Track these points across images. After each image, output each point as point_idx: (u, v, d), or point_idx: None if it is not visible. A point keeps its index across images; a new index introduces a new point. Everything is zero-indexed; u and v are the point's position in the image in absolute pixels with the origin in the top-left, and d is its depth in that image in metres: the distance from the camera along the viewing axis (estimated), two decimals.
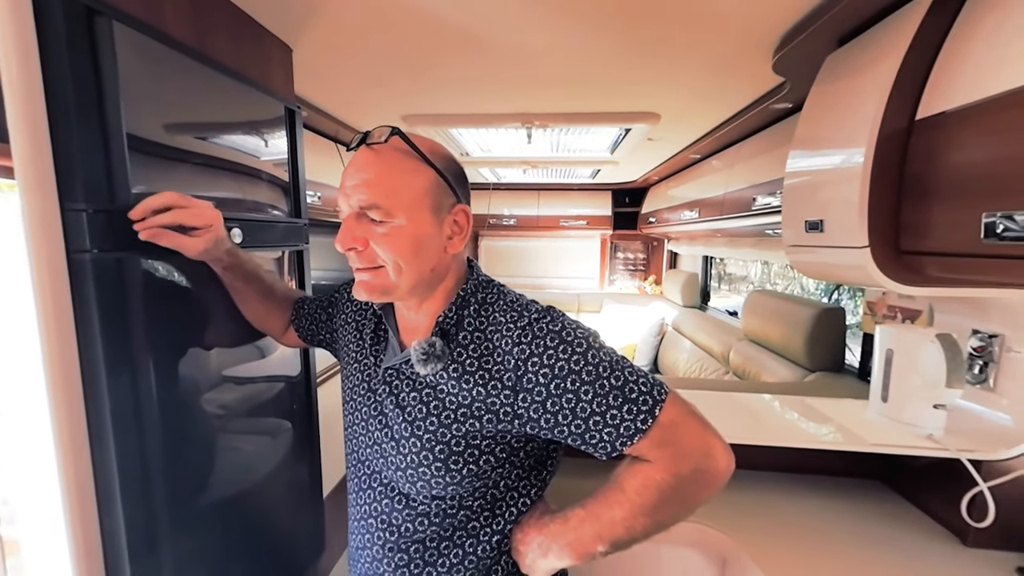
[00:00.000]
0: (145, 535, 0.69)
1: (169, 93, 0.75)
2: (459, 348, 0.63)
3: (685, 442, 0.57)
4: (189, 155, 0.80)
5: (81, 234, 0.60)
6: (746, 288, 3.21)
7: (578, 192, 4.00)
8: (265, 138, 1.01)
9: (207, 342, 0.87)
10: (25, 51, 0.55)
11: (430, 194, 0.60)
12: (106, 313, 0.63)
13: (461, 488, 0.64)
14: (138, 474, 0.68)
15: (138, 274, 0.69)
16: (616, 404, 0.57)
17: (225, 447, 0.93)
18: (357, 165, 0.59)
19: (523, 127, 1.79)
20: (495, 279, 0.71)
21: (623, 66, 1.26)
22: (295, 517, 1.14)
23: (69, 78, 0.58)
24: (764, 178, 1.64)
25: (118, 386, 0.65)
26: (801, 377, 1.58)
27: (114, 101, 0.63)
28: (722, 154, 2.20)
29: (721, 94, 1.50)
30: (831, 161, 0.90)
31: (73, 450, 0.62)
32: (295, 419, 1.15)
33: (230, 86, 0.88)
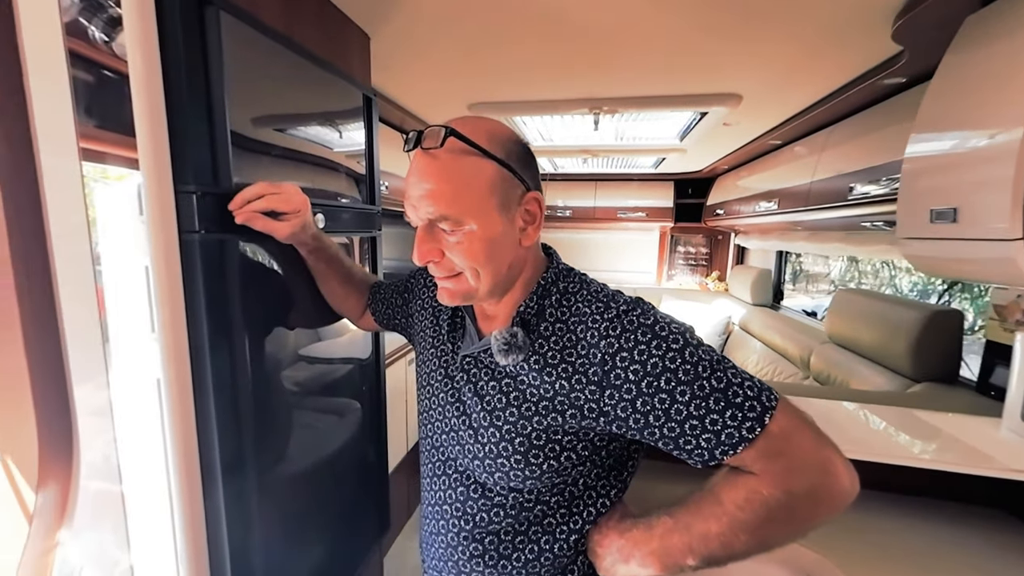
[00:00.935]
0: (238, 494, 0.74)
1: (264, 81, 0.78)
2: (540, 339, 0.60)
3: (800, 455, 0.51)
4: (280, 143, 0.83)
5: (191, 215, 0.65)
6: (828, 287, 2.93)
7: (638, 183, 3.83)
8: (345, 126, 1.04)
9: (291, 322, 0.91)
10: (149, 47, 0.59)
11: (496, 191, 0.56)
12: (210, 289, 0.67)
13: (539, 482, 0.61)
14: (233, 438, 0.73)
15: (237, 255, 0.73)
16: (717, 408, 0.52)
17: (305, 421, 0.98)
18: (418, 173, 0.56)
19: (590, 113, 1.72)
20: (576, 268, 0.68)
21: (704, 43, 1.16)
22: (362, 494, 1.19)
23: (184, 69, 0.62)
24: (864, 164, 1.46)
25: (218, 355, 0.70)
26: (902, 387, 1.41)
27: (219, 90, 0.66)
28: (808, 139, 2.00)
29: (818, 70, 1.35)
30: (971, 141, 0.77)
31: (182, 410, 0.68)
32: (364, 399, 1.19)
33: (316, 74, 0.91)
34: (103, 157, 0.66)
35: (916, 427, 0.99)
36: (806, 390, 1.58)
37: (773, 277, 3.05)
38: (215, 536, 0.73)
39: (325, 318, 0.99)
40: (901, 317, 1.48)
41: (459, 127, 0.54)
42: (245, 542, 0.76)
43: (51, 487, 0.71)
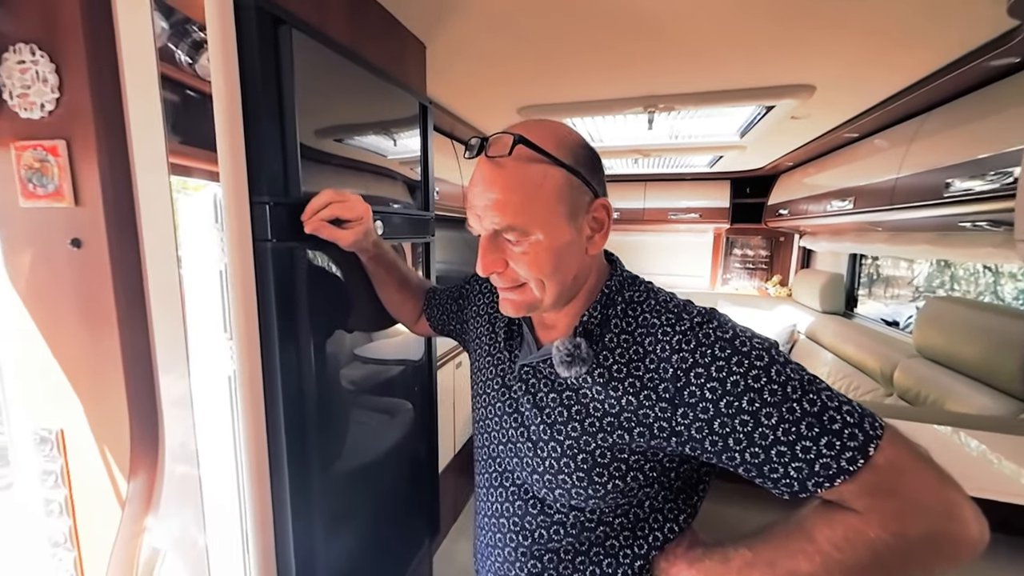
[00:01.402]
0: (302, 485, 0.77)
1: (330, 93, 0.81)
2: (605, 351, 0.57)
3: (915, 495, 0.44)
4: (344, 154, 0.86)
5: (264, 225, 0.67)
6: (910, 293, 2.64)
7: (690, 183, 3.66)
8: (402, 135, 1.06)
9: (350, 325, 0.94)
10: (228, 64, 0.62)
11: (564, 199, 0.54)
12: (280, 293, 0.70)
13: (603, 502, 0.58)
14: (299, 431, 0.76)
15: (304, 262, 0.75)
16: (810, 435, 0.46)
17: (361, 420, 1.00)
18: (483, 182, 0.54)
19: (645, 112, 1.66)
20: (640, 276, 0.64)
21: (773, 29, 1.08)
22: (414, 493, 1.21)
23: (259, 86, 0.65)
24: (965, 156, 1.29)
25: (286, 354, 0.73)
26: (1014, 411, 1.22)
27: (291, 104, 0.69)
28: (891, 131, 1.81)
29: (908, 54, 1.21)
30: None
31: (253, 404, 0.71)
32: (416, 400, 1.21)
33: (377, 85, 0.93)
34: (188, 171, 0.71)
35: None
36: (890, 409, 1.42)
37: (846, 282, 2.79)
38: (280, 523, 0.76)
39: (382, 322, 1.01)
40: (1012, 330, 1.29)
41: (526, 133, 0.52)
42: (308, 531, 0.79)
43: (140, 476, 0.77)
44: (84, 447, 0.76)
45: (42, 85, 0.65)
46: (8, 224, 0.71)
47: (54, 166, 0.67)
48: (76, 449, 0.76)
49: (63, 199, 0.68)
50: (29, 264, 0.71)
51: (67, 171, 0.67)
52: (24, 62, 0.65)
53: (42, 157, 0.67)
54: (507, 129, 0.53)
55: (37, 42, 0.65)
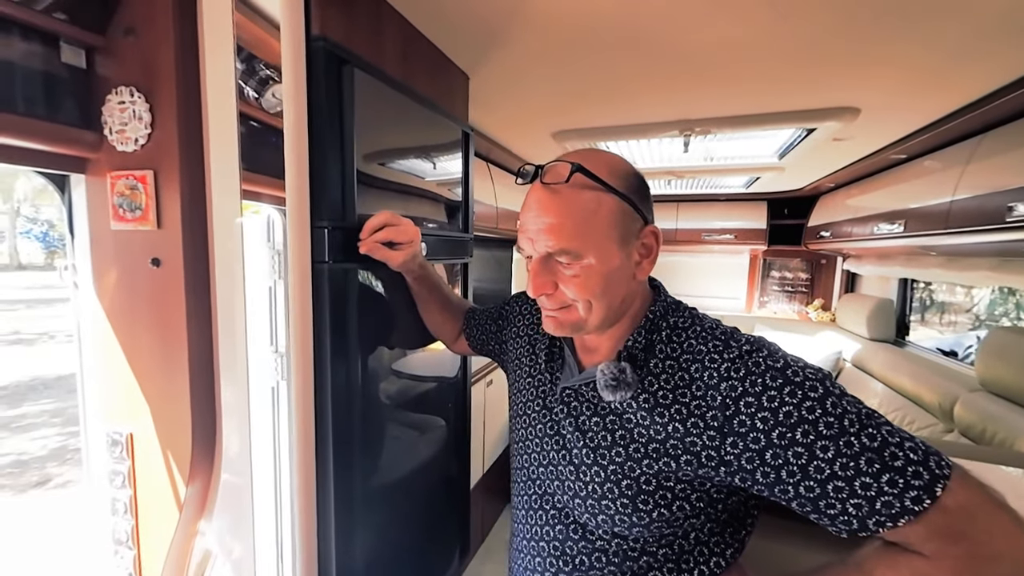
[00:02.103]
0: (346, 496, 0.79)
1: (384, 124, 0.86)
2: (650, 376, 0.57)
3: (991, 541, 0.42)
4: (394, 180, 0.91)
5: (322, 247, 0.72)
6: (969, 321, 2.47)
7: (724, 203, 3.60)
8: (445, 160, 1.11)
9: (394, 343, 0.97)
10: (298, 100, 0.68)
11: (616, 225, 0.55)
12: (335, 312, 0.75)
13: (647, 531, 0.57)
14: (346, 443, 0.79)
15: (356, 282, 0.80)
16: (871, 471, 0.44)
17: (400, 434, 1.03)
18: (538, 208, 0.56)
19: (681, 136, 1.66)
20: (684, 302, 0.64)
21: (815, 53, 1.07)
22: (446, 510, 1.21)
23: (325, 120, 0.71)
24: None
25: (337, 368, 0.76)
26: None
27: (351, 136, 0.74)
28: (943, 152, 1.73)
29: (962, 76, 1.17)
30: None
31: (304, 419, 0.74)
32: (450, 416, 1.22)
33: (425, 115, 0.99)
34: (255, 196, 0.77)
35: None
36: (953, 447, 1.32)
37: (896, 308, 2.64)
38: (324, 533, 0.78)
39: (423, 340, 1.04)
40: None
41: (581, 161, 0.55)
42: (349, 543, 0.81)
43: (198, 481, 0.82)
44: (150, 451, 0.81)
45: (137, 122, 0.74)
46: (100, 244, 0.79)
47: (142, 193, 0.75)
48: (142, 453, 0.82)
49: (148, 222, 0.75)
50: (115, 281, 0.78)
51: (152, 197, 0.75)
52: (124, 103, 0.73)
53: (132, 185, 0.75)
54: (562, 158, 0.56)
55: (136, 85, 0.74)
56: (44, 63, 0.70)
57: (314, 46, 0.68)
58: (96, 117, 0.75)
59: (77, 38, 0.72)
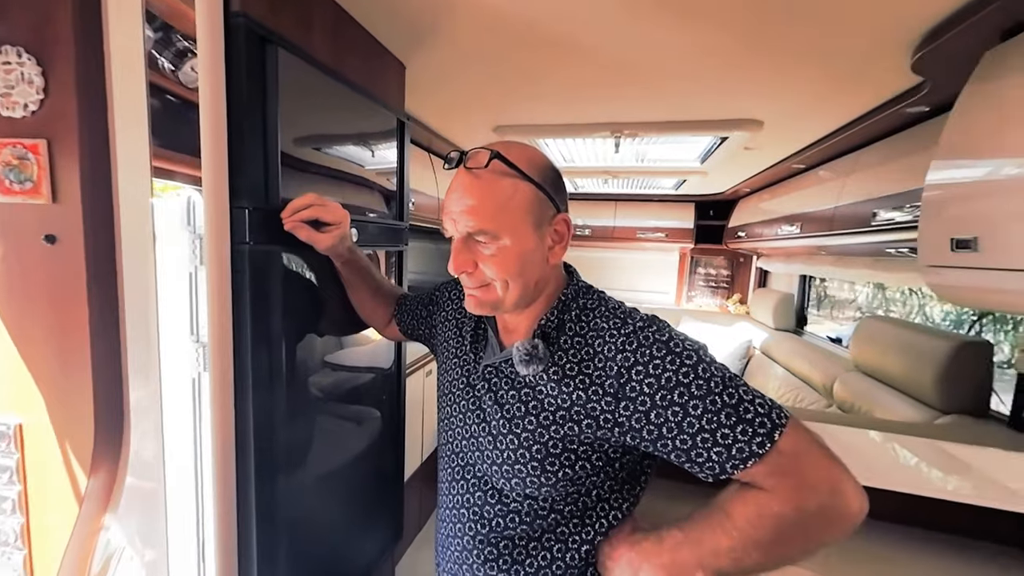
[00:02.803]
0: (269, 491, 0.79)
1: (311, 109, 0.86)
2: (560, 351, 0.63)
3: (810, 474, 0.52)
4: (323, 164, 0.90)
5: (243, 228, 0.71)
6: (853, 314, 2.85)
7: (658, 203, 3.85)
8: (379, 147, 1.11)
9: (322, 329, 0.97)
10: (216, 75, 0.66)
11: (531, 210, 0.61)
12: (256, 295, 0.73)
13: (554, 490, 0.64)
14: (267, 436, 0.78)
15: (280, 265, 0.79)
16: (729, 423, 0.54)
17: (330, 425, 1.03)
18: (460, 190, 0.61)
19: (612, 137, 1.77)
20: (594, 286, 0.71)
21: (725, 70, 1.20)
22: (378, 501, 1.22)
23: (245, 99, 0.69)
24: (889, 190, 1.45)
25: (259, 356, 0.75)
26: (930, 418, 1.36)
27: (274, 118, 0.74)
28: (832, 164, 2.00)
29: (840, 98, 1.36)
30: (990, 171, 0.78)
31: (223, 407, 0.73)
32: (384, 408, 1.23)
33: (357, 100, 0.98)
34: (168, 174, 0.74)
35: (943, 460, 0.97)
36: (829, 418, 1.54)
37: (796, 302, 2.99)
38: (244, 527, 0.77)
39: (353, 327, 1.04)
40: (929, 347, 1.44)
41: (502, 151, 0.60)
42: (271, 536, 0.80)
43: (101, 473, 0.77)
44: (43, 443, 0.75)
45: (27, 86, 0.68)
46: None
47: (33, 164, 0.69)
48: (34, 445, 0.76)
49: (40, 196, 0.70)
50: (1, 257, 0.72)
51: (46, 169, 0.69)
52: (10, 64, 0.67)
53: (21, 154, 0.69)
54: (484, 146, 0.61)
55: (24, 45, 0.68)
56: None
57: (233, 22, 0.67)
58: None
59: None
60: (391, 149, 1.16)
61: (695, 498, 0.60)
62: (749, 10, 0.89)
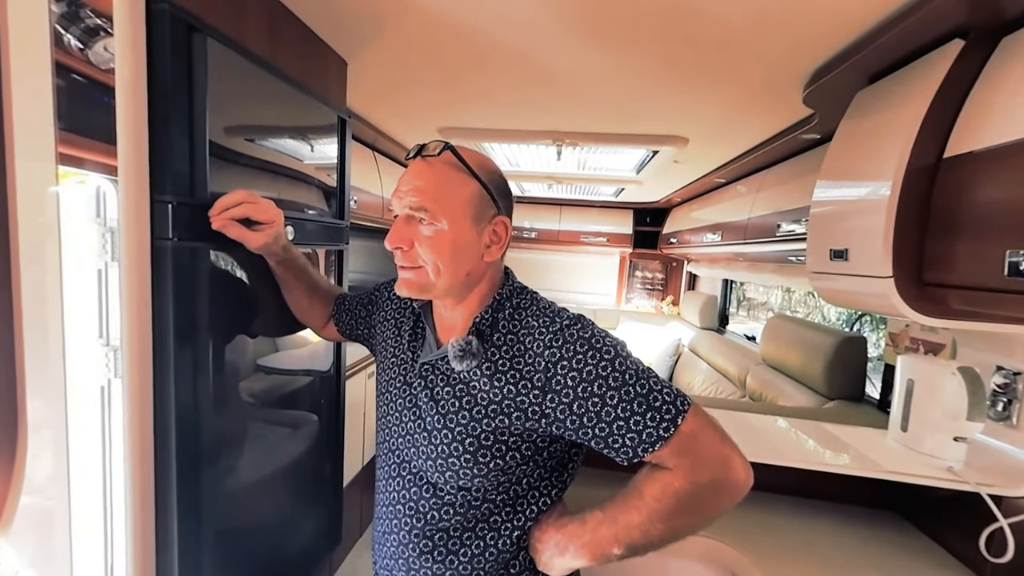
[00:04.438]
0: (192, 503, 0.75)
1: (244, 102, 0.83)
2: (493, 348, 0.67)
3: (704, 452, 0.60)
4: (255, 158, 0.87)
5: (165, 223, 0.68)
6: (766, 314, 3.18)
7: (600, 209, 4.05)
8: (319, 144, 1.09)
9: (255, 330, 0.93)
10: (136, 63, 0.63)
11: (472, 204, 0.65)
12: (179, 295, 0.70)
13: (487, 481, 0.67)
14: (191, 445, 0.74)
15: (207, 263, 0.76)
16: (640, 411, 0.60)
17: (263, 432, 0.99)
18: (412, 173, 0.66)
19: (553, 144, 1.85)
20: (529, 287, 0.76)
21: (655, 90, 1.32)
22: (315, 507, 1.19)
23: (169, 88, 0.66)
24: (789, 205, 1.66)
25: (182, 359, 0.72)
26: (819, 404, 1.58)
27: (201, 109, 0.71)
28: (747, 180, 2.23)
29: (750, 122, 1.54)
30: (858, 193, 0.93)
31: (140, 420, 0.69)
32: (322, 413, 1.20)
33: (294, 95, 0.96)
34: (80, 163, 0.68)
35: (824, 438, 1.13)
36: (740, 406, 1.73)
37: (719, 303, 3.28)
38: (164, 541, 0.73)
39: (289, 327, 1.01)
40: (818, 342, 1.67)
41: (458, 149, 0.65)
42: (197, 550, 0.77)
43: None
44: None
45: None
46: None
47: None
48: None
49: None
50: None
51: None
52: None
53: None
54: (442, 139, 0.66)
55: None
56: None
57: (156, 7, 0.64)
58: None
59: None
60: (331, 145, 1.14)
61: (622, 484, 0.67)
62: (661, 34, 0.98)
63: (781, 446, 1.11)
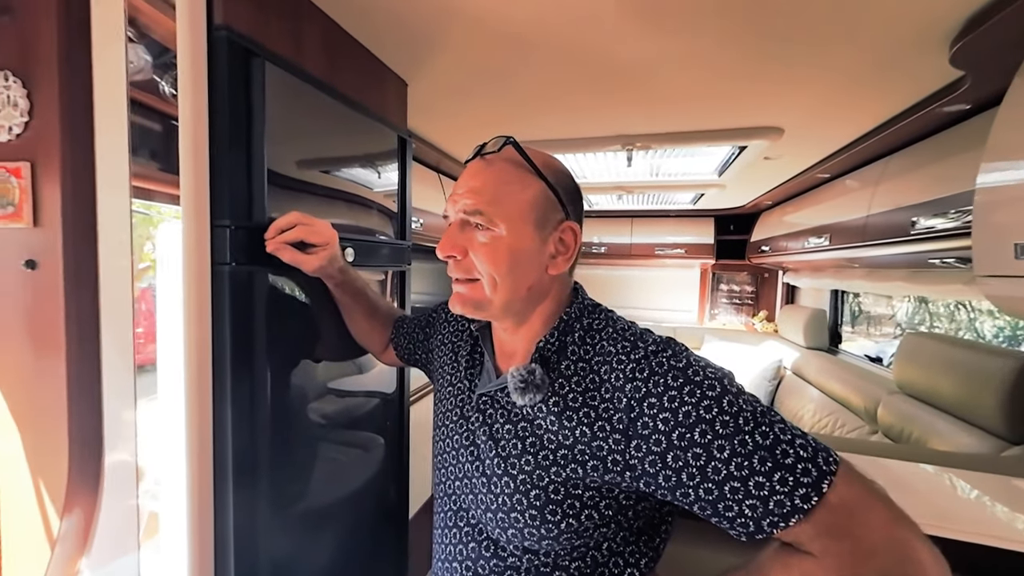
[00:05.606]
0: (250, 525, 0.72)
1: (303, 125, 0.83)
2: (561, 379, 0.56)
3: (869, 536, 0.42)
4: (315, 182, 0.87)
5: (223, 248, 0.67)
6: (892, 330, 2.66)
7: (676, 219, 3.75)
8: (379, 166, 1.08)
9: (316, 354, 0.91)
10: (197, 90, 0.64)
11: (536, 207, 0.56)
12: (237, 319, 0.69)
13: (557, 544, 0.55)
14: (248, 469, 0.72)
15: (265, 287, 0.74)
16: (763, 470, 0.44)
17: (324, 456, 0.96)
18: (468, 173, 0.59)
19: (623, 150, 1.72)
20: (602, 305, 0.64)
21: (741, 75, 1.14)
22: (381, 538, 1.14)
23: (227, 114, 0.66)
24: (926, 196, 1.34)
25: (239, 384, 0.70)
26: (996, 449, 1.21)
27: (259, 132, 0.70)
28: (860, 172, 1.88)
29: (867, 100, 1.28)
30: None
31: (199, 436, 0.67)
32: (387, 436, 1.16)
33: (353, 118, 0.96)
34: (151, 194, 0.71)
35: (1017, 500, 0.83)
36: (875, 447, 1.39)
37: (829, 318, 2.81)
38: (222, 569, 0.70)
39: (350, 351, 0.99)
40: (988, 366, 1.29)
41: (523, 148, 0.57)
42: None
43: (76, 512, 0.72)
44: (16, 479, 0.71)
45: (11, 109, 0.66)
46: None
47: (15, 187, 0.67)
48: (6, 480, 0.72)
49: (21, 220, 0.67)
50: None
51: (28, 193, 0.67)
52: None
53: (3, 178, 0.67)
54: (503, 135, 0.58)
55: (11, 69, 0.67)
56: None
57: (216, 35, 0.65)
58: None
59: None
60: (392, 167, 1.12)
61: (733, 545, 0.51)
62: (762, 10, 0.83)
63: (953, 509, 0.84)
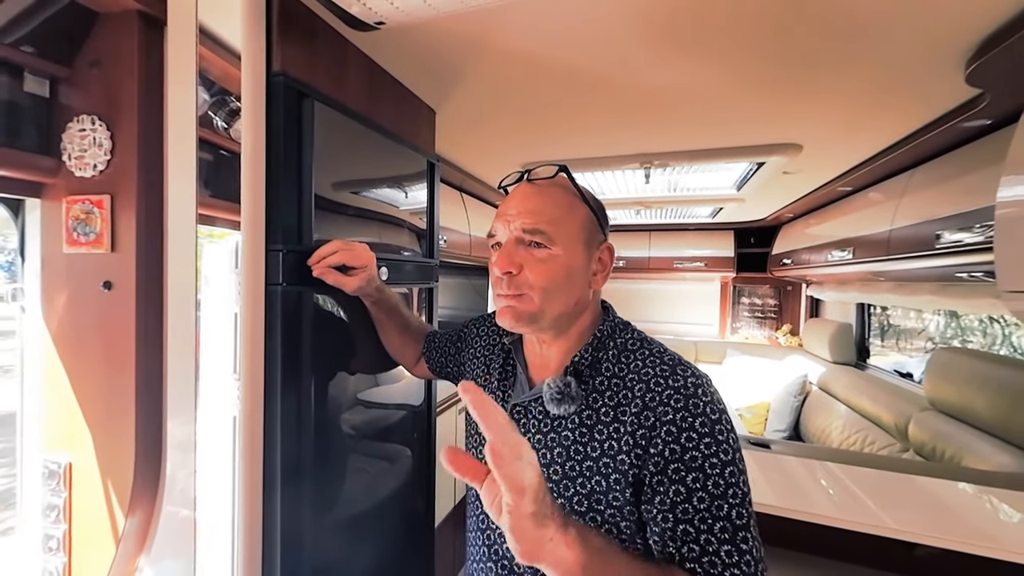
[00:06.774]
0: (295, 529, 0.77)
1: (344, 154, 0.90)
2: (594, 393, 0.59)
3: None
4: (355, 204, 0.94)
5: (276, 270, 0.74)
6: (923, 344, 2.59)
7: (695, 232, 3.74)
8: (410, 188, 1.15)
9: (352, 367, 0.97)
10: (256, 130, 0.71)
11: (585, 228, 0.62)
12: (287, 334, 0.75)
13: None
14: (293, 476, 0.77)
15: (311, 305, 0.81)
16: (721, 537, 0.49)
17: (355, 466, 1.01)
18: (521, 195, 0.63)
19: (641, 168, 1.76)
20: (632, 324, 0.67)
21: (758, 94, 1.17)
22: (408, 546, 1.17)
23: (282, 150, 0.74)
24: (951, 210, 1.33)
25: (288, 394, 0.76)
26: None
27: (308, 164, 0.77)
28: (882, 185, 1.87)
29: (886, 116, 1.29)
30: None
31: (251, 448, 0.73)
32: (414, 447, 1.20)
33: (388, 145, 1.03)
34: (213, 221, 0.79)
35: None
36: (909, 465, 1.35)
37: (856, 332, 2.75)
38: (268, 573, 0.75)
39: (383, 365, 1.04)
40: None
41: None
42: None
43: (138, 513, 0.79)
44: (89, 481, 0.78)
45: (97, 149, 0.75)
46: (51, 268, 0.78)
47: (98, 217, 0.75)
48: (81, 484, 0.78)
49: (101, 246, 0.76)
50: (63, 303, 0.78)
51: (108, 222, 0.75)
52: (85, 130, 0.75)
53: (88, 209, 0.75)
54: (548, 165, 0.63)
55: (98, 113, 0.76)
56: (7, 93, 0.72)
57: (274, 80, 0.72)
58: (56, 144, 0.77)
59: (42, 69, 0.74)
60: (422, 189, 1.19)
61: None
62: (781, 30, 0.87)
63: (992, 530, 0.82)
